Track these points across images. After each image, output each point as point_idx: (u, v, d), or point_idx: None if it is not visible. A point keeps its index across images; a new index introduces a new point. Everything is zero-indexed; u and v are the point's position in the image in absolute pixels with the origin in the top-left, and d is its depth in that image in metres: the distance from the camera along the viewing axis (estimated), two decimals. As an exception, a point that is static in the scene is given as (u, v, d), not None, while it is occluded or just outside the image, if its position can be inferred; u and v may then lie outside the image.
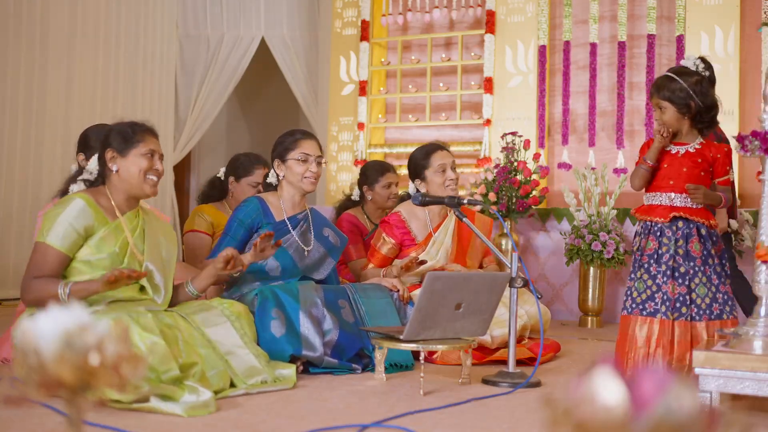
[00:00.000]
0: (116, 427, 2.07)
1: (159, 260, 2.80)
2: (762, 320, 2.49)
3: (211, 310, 2.78)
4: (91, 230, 2.64)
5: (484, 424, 2.27)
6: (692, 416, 0.79)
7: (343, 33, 6.31)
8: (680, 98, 2.94)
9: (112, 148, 2.73)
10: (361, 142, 6.10)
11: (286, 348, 2.89)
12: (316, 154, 3.29)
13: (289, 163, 3.27)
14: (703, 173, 2.97)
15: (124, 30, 6.37)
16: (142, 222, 2.80)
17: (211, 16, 6.98)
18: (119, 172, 2.72)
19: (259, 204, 3.28)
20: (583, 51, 5.58)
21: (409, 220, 3.71)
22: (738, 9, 5.11)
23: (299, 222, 3.32)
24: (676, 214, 2.95)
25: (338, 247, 3.43)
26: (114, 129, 2.78)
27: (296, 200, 3.34)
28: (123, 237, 2.70)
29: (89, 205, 2.64)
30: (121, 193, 2.75)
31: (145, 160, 2.73)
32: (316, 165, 3.28)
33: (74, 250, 2.62)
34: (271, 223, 3.26)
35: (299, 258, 3.27)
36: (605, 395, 0.80)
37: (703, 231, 2.95)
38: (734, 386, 2.30)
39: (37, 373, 0.97)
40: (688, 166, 2.97)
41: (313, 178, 3.28)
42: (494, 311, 2.88)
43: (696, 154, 2.98)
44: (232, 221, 3.26)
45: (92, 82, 6.06)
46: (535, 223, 5.43)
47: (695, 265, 2.93)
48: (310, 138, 3.34)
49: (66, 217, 2.59)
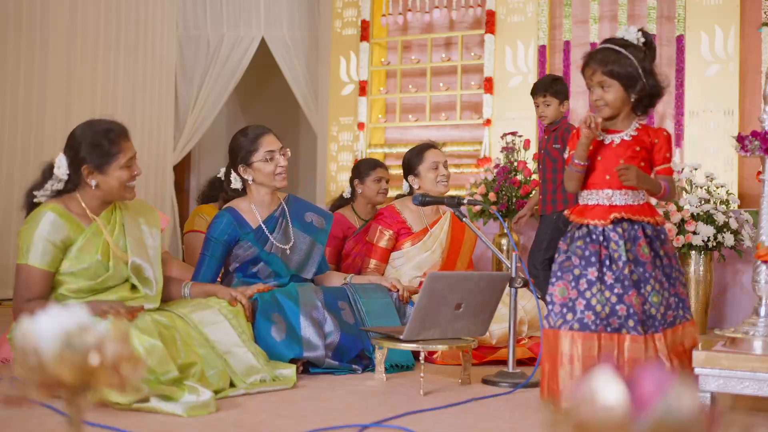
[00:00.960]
0: (116, 427, 2.07)
1: (144, 251, 2.75)
2: (762, 320, 2.49)
3: (209, 308, 2.78)
4: (69, 241, 2.58)
5: (484, 424, 2.27)
6: (692, 416, 0.79)
7: (343, 33, 6.31)
8: (629, 76, 2.46)
9: (88, 165, 2.59)
10: (361, 142, 6.10)
11: (287, 352, 2.88)
12: (279, 147, 3.21)
13: (256, 165, 3.18)
14: (643, 163, 2.51)
15: (124, 30, 6.37)
16: (119, 216, 2.73)
17: (211, 16, 6.98)
18: (98, 185, 2.62)
19: (231, 216, 3.19)
20: (583, 51, 5.56)
21: (403, 211, 3.80)
22: (738, 9, 5.11)
23: (276, 220, 3.26)
24: (617, 215, 2.45)
25: (323, 228, 3.37)
26: (86, 137, 2.61)
27: (268, 198, 3.26)
28: (102, 241, 2.64)
29: (61, 216, 2.57)
30: (95, 200, 2.66)
31: (125, 171, 2.63)
32: (283, 158, 3.20)
33: (56, 264, 2.58)
34: (249, 232, 3.19)
35: (285, 257, 3.24)
36: (605, 395, 0.80)
37: (649, 231, 2.48)
38: (734, 386, 2.30)
39: (37, 373, 0.97)
40: (626, 157, 2.48)
41: (283, 172, 3.20)
42: (494, 311, 2.89)
43: (633, 141, 2.51)
44: (209, 241, 3.18)
45: (92, 82, 6.06)
46: (535, 223, 5.43)
47: (645, 271, 2.45)
48: (267, 132, 3.23)
49: (41, 234, 2.53)
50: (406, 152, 3.93)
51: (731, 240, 4.51)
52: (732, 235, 4.53)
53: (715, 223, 4.54)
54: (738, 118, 5.10)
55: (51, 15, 5.71)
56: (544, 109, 4.28)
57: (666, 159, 2.52)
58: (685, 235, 4.55)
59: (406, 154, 3.91)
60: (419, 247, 3.75)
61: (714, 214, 4.54)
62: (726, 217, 4.54)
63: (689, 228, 4.54)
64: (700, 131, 5.17)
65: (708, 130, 5.15)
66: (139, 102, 6.47)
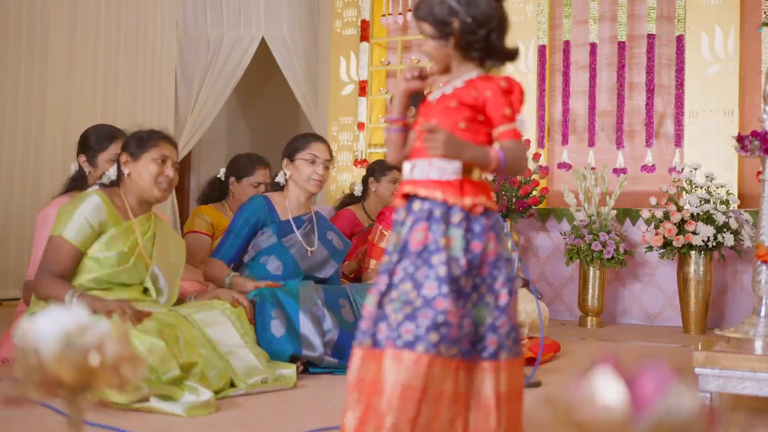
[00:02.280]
0: (116, 427, 2.07)
1: (167, 265, 2.83)
2: (762, 320, 2.49)
3: (212, 309, 2.79)
4: (104, 227, 2.67)
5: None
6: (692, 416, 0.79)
7: (343, 33, 6.31)
8: (439, 16, 1.80)
9: (126, 152, 2.77)
10: (361, 142, 6.10)
11: (286, 348, 2.89)
12: (325, 158, 3.31)
13: (297, 162, 3.29)
14: (467, 124, 1.79)
15: (124, 30, 6.37)
16: (153, 227, 2.83)
17: (211, 16, 6.98)
18: (131, 175, 2.76)
19: (265, 202, 3.30)
20: (583, 51, 5.58)
21: None
22: (738, 9, 5.11)
23: (304, 223, 3.34)
24: (410, 191, 1.77)
25: (341, 251, 3.45)
26: (133, 134, 2.82)
27: (301, 201, 3.36)
28: (133, 238, 2.73)
29: (104, 202, 2.68)
30: (133, 196, 2.78)
31: (156, 165, 2.76)
32: (323, 168, 3.30)
33: (87, 245, 2.65)
34: (276, 222, 3.28)
35: (301, 258, 3.28)
36: (605, 395, 0.80)
37: (457, 217, 1.73)
38: (734, 386, 2.30)
39: (37, 373, 0.97)
40: (440, 116, 1.81)
41: (318, 180, 3.30)
42: (494, 311, 2.88)
43: (453, 96, 1.82)
44: (237, 219, 3.28)
45: (92, 82, 6.06)
46: (535, 223, 5.44)
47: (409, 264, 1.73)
48: (322, 142, 3.36)
49: (82, 212, 2.63)
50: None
51: (731, 240, 4.51)
52: (732, 235, 4.53)
53: (715, 223, 4.54)
54: (738, 118, 5.10)
55: (51, 15, 5.71)
56: None
57: (505, 117, 1.79)
58: (685, 235, 4.55)
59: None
60: None
61: (714, 214, 4.54)
62: (726, 217, 4.54)
63: (689, 228, 4.54)
64: (700, 131, 5.17)
65: (708, 130, 5.15)
66: (139, 102, 6.47)
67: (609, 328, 4.89)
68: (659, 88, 5.36)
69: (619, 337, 4.44)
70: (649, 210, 4.79)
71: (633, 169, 5.36)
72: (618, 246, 4.76)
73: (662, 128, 5.38)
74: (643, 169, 5.24)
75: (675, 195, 4.76)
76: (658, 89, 5.35)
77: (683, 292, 4.69)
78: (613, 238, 4.76)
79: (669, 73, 5.35)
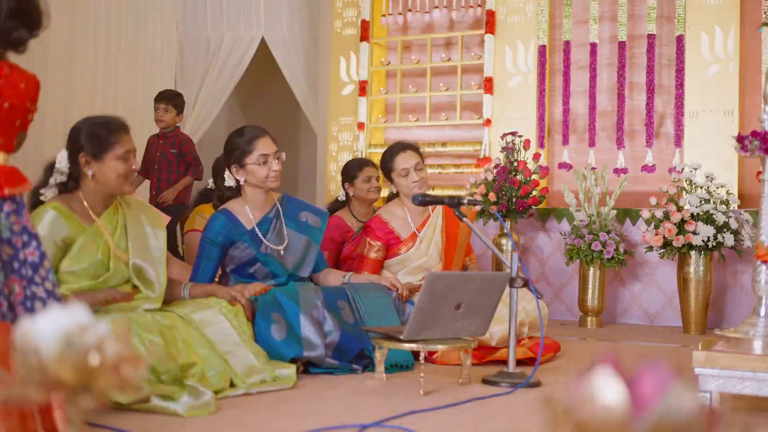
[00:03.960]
0: (116, 427, 2.07)
1: (147, 253, 2.75)
2: (762, 320, 2.49)
3: (209, 309, 2.78)
4: (69, 240, 2.58)
5: (484, 424, 2.27)
6: (692, 416, 0.79)
7: (343, 33, 6.31)
8: None
9: (85, 153, 2.61)
10: (361, 142, 6.10)
11: (287, 352, 2.88)
12: (274, 151, 3.20)
13: (249, 167, 3.18)
14: None
15: (124, 30, 6.37)
16: (122, 218, 2.73)
17: (211, 16, 6.98)
18: (95, 176, 2.62)
19: (226, 218, 3.19)
20: (583, 51, 5.58)
21: (389, 220, 3.76)
22: (738, 9, 5.11)
23: (271, 221, 3.27)
24: None
25: (319, 227, 3.38)
26: (84, 127, 2.64)
27: (262, 199, 3.27)
28: (104, 241, 2.65)
29: (62, 214, 2.58)
30: (96, 195, 2.67)
31: (122, 163, 2.63)
32: (277, 163, 3.19)
33: (55, 262, 2.57)
34: (245, 233, 3.20)
35: (281, 258, 3.26)
36: (605, 395, 0.80)
37: None
38: (734, 386, 2.30)
39: (37, 373, 0.97)
40: None
41: (276, 176, 3.20)
42: (494, 311, 2.89)
43: None
44: (203, 243, 3.18)
45: (92, 82, 6.06)
46: (535, 223, 5.43)
47: None
48: (263, 135, 3.23)
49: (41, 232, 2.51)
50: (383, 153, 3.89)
51: (731, 240, 4.51)
52: (732, 235, 4.53)
53: (715, 223, 4.54)
54: (738, 118, 5.10)
55: (51, 15, 5.71)
56: (163, 115, 5.30)
57: None
58: (685, 235, 4.55)
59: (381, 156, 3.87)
60: (414, 252, 3.72)
61: (714, 214, 4.54)
62: (726, 217, 4.54)
63: (689, 228, 4.54)
64: (700, 131, 5.17)
65: (708, 130, 5.15)
66: (139, 102, 6.47)
67: (609, 328, 4.89)
68: (659, 88, 5.36)
69: (619, 337, 4.44)
70: (649, 210, 4.79)
71: (633, 169, 5.36)
72: (618, 246, 4.76)
73: (662, 128, 5.38)
74: (643, 169, 5.24)
75: (675, 195, 4.75)
76: (658, 89, 5.35)
77: (683, 292, 4.69)
78: (613, 238, 4.76)
79: (669, 73, 5.35)
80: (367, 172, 4.45)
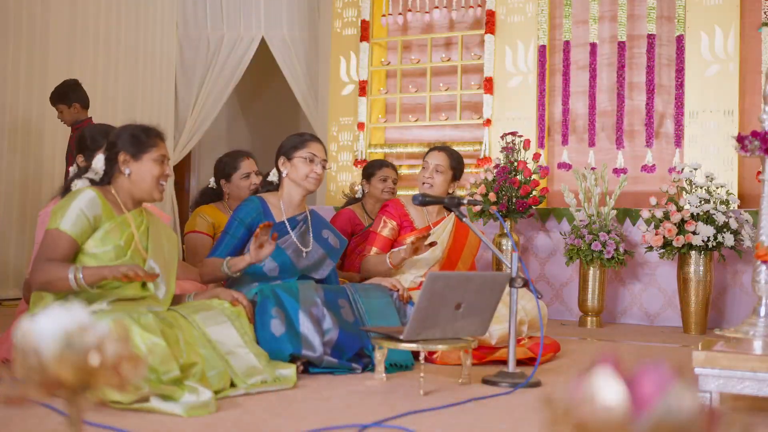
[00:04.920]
0: (116, 427, 2.07)
1: (162, 260, 2.81)
2: (762, 320, 2.49)
3: (212, 309, 2.79)
4: (99, 221, 2.65)
5: (484, 424, 2.27)
6: (692, 416, 0.79)
7: (343, 33, 6.31)
8: None
9: (125, 151, 2.74)
10: (361, 142, 6.10)
11: (286, 347, 2.89)
12: (322, 157, 3.34)
13: (295, 161, 3.30)
14: None
15: (124, 30, 6.37)
16: (146, 221, 2.81)
17: (211, 16, 6.98)
18: (131, 175, 2.73)
19: (260, 204, 3.30)
20: (583, 51, 5.58)
21: (408, 206, 3.83)
22: (738, 9, 5.11)
23: (298, 223, 3.34)
24: None
25: (337, 249, 3.45)
26: (125, 131, 2.78)
27: (296, 201, 3.36)
28: (129, 231, 2.72)
29: (99, 197, 2.67)
30: (127, 194, 2.76)
31: (158, 165, 2.75)
32: (320, 167, 3.31)
33: (83, 238, 2.63)
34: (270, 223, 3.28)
35: (297, 258, 3.28)
36: (605, 395, 0.80)
37: None
38: (734, 386, 2.30)
39: (37, 373, 0.97)
40: None
41: (316, 179, 3.32)
42: (494, 311, 2.88)
43: None
44: (233, 220, 3.28)
45: (92, 82, 6.06)
46: (535, 223, 5.44)
47: None
48: (318, 142, 3.39)
49: (78, 204, 2.61)
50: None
51: (731, 240, 4.51)
52: (732, 235, 4.53)
53: (715, 223, 4.55)
54: (738, 118, 5.10)
55: (51, 15, 5.71)
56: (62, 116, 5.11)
57: None
58: (685, 235, 4.55)
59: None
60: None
61: (714, 214, 4.54)
62: (726, 217, 4.54)
63: (689, 228, 4.54)
64: (700, 131, 5.17)
65: (708, 130, 5.15)
66: (139, 102, 6.47)
67: (609, 328, 4.89)
68: (659, 88, 5.36)
69: (619, 337, 4.44)
70: (649, 210, 4.79)
71: (633, 169, 5.36)
72: (618, 246, 4.76)
73: (662, 128, 5.38)
74: (643, 169, 5.24)
75: (675, 195, 4.76)
76: (658, 89, 5.35)
77: (683, 292, 4.69)
78: (613, 238, 4.76)
79: (669, 73, 5.35)
80: (385, 172, 4.57)
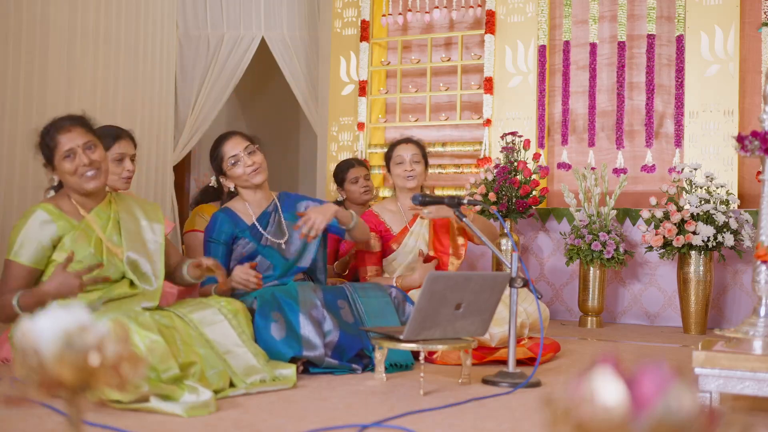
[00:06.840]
0: (116, 427, 2.07)
1: (142, 246, 2.76)
2: (762, 320, 2.49)
3: (208, 308, 2.78)
4: (57, 238, 2.61)
5: (484, 424, 2.27)
6: (692, 416, 0.79)
7: (343, 33, 6.31)
8: None
9: (45, 164, 2.67)
10: (361, 142, 6.10)
11: (287, 351, 2.88)
12: (243, 147, 3.29)
13: (228, 172, 3.32)
14: None
15: (124, 30, 6.37)
16: (114, 213, 2.75)
17: (211, 16, 6.98)
18: (60, 180, 2.69)
19: (226, 215, 3.30)
20: (583, 51, 5.58)
21: (381, 214, 3.86)
22: (738, 9, 5.11)
23: (269, 215, 3.36)
24: None
25: None
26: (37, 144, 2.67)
27: (258, 196, 3.37)
28: (95, 236, 2.67)
29: (50, 214, 2.61)
30: (77, 195, 2.69)
31: (68, 162, 2.61)
32: (248, 157, 3.28)
33: (44, 261, 2.60)
34: (245, 228, 3.30)
35: (281, 250, 3.32)
36: (605, 395, 0.80)
37: None
38: (734, 386, 2.30)
39: (37, 373, 0.97)
40: None
41: (254, 169, 3.29)
42: (494, 311, 2.88)
43: None
44: (206, 243, 3.29)
45: (92, 81, 6.06)
46: (535, 223, 5.43)
47: None
48: (230, 137, 3.34)
49: (28, 232, 2.57)
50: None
51: (731, 240, 4.51)
52: (732, 235, 4.53)
53: (715, 223, 4.54)
54: (738, 118, 5.10)
55: (51, 15, 5.71)
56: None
57: None
58: (685, 235, 4.55)
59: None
60: (402, 250, 3.79)
61: (714, 214, 4.54)
62: (726, 217, 4.54)
63: (689, 228, 4.54)
64: (700, 131, 5.17)
65: (708, 130, 5.15)
66: (139, 102, 6.47)
67: (609, 328, 4.89)
68: (659, 88, 5.36)
69: (619, 337, 4.44)
70: (649, 210, 4.79)
71: (633, 169, 5.36)
72: (618, 246, 4.76)
73: (662, 128, 5.38)
74: (643, 169, 5.24)
75: (675, 195, 4.76)
76: (658, 89, 5.35)
77: (683, 292, 4.69)
78: (613, 238, 4.76)
79: (669, 73, 5.35)
80: (353, 173, 4.52)
